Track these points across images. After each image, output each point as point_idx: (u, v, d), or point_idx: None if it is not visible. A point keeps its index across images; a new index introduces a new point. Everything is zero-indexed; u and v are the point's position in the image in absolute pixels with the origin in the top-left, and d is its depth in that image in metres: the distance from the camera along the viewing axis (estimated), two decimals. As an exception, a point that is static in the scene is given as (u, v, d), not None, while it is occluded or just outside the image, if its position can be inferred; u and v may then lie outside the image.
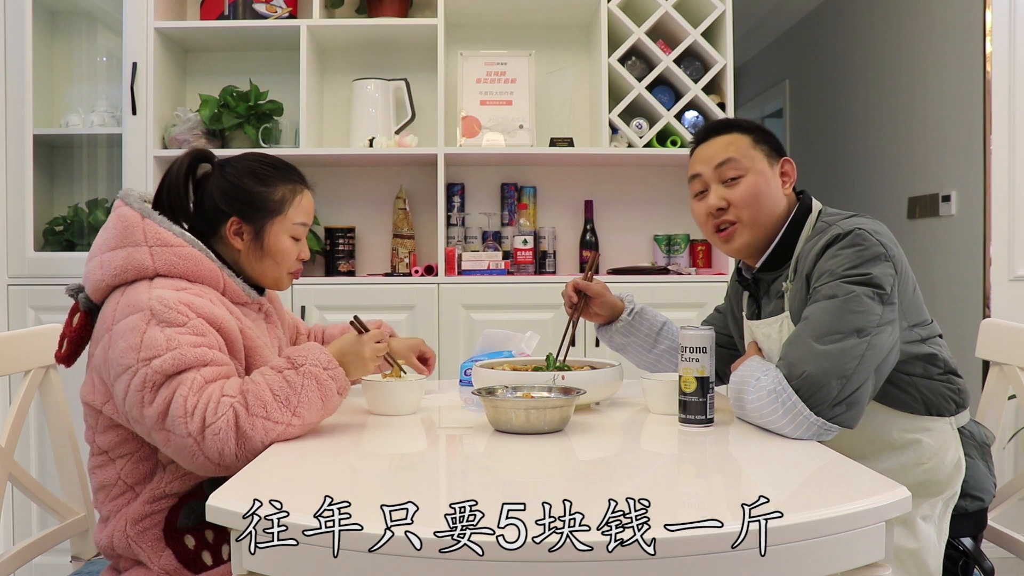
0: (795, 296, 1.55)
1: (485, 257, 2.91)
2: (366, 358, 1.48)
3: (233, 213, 1.57)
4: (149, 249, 1.47)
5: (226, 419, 1.32)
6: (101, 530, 1.50)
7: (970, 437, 1.61)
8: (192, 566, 1.46)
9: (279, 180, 1.60)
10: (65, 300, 1.54)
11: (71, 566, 1.70)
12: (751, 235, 1.62)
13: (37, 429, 2.75)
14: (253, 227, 1.57)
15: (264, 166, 1.60)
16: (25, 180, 2.80)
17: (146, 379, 1.34)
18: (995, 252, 2.98)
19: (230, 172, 1.59)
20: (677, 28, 2.91)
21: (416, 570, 0.91)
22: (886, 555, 1.03)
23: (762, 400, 1.40)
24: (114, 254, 1.47)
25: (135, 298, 1.42)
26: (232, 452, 1.32)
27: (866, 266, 1.45)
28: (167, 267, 1.47)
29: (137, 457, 1.47)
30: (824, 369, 1.38)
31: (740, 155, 1.61)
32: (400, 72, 3.10)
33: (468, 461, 1.42)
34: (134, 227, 1.48)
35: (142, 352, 1.35)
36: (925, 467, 1.54)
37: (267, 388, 1.36)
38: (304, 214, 1.62)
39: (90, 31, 3.08)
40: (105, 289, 1.48)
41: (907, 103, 3.66)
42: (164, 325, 1.38)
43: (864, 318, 1.41)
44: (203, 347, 1.38)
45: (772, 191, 1.61)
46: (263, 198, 1.57)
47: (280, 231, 1.59)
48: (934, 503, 1.55)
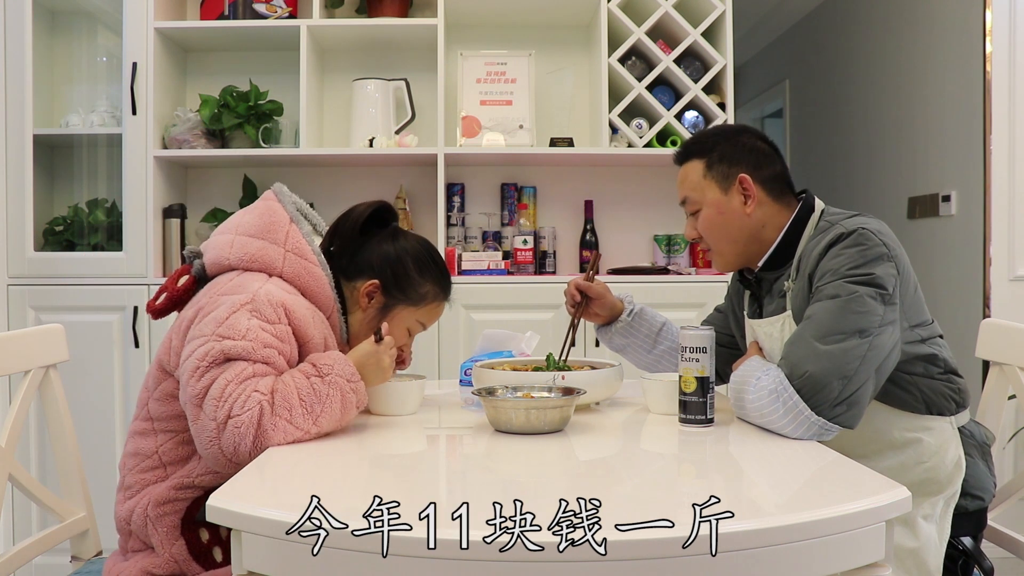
0: (797, 295, 1.55)
1: (485, 257, 2.91)
2: (385, 367, 1.51)
3: (378, 277, 1.60)
4: (284, 252, 1.51)
5: (250, 415, 1.32)
6: (122, 501, 1.50)
7: (970, 437, 1.62)
8: (201, 560, 1.46)
9: (434, 279, 1.65)
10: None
11: (71, 566, 1.70)
12: (723, 259, 1.69)
13: (37, 429, 2.75)
14: (386, 300, 1.61)
15: (431, 261, 1.65)
16: (25, 180, 2.80)
17: (209, 352, 1.36)
18: (995, 252, 2.98)
19: (402, 244, 1.64)
20: (677, 28, 2.91)
21: (417, 570, 0.91)
22: (886, 555, 1.03)
23: (762, 400, 1.41)
24: (250, 241, 1.52)
25: (248, 282, 1.45)
26: (247, 449, 1.31)
27: (869, 266, 1.45)
28: (292, 275, 1.51)
29: (180, 438, 1.47)
30: (826, 369, 1.38)
31: (692, 191, 1.68)
32: (400, 72, 3.10)
33: (468, 461, 1.42)
34: (280, 226, 1.53)
35: (221, 328, 1.38)
36: (926, 466, 1.54)
37: (295, 391, 1.37)
38: (431, 318, 1.68)
39: (90, 31, 3.08)
40: (226, 267, 1.52)
41: (907, 103, 3.66)
42: (254, 315, 1.40)
43: (866, 319, 1.41)
44: (274, 350, 1.40)
45: (729, 218, 1.64)
46: (412, 283, 1.62)
47: (404, 318, 1.63)
48: (935, 502, 1.55)
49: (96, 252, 2.87)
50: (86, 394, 2.75)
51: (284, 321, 1.43)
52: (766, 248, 1.63)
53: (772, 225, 1.63)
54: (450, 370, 2.75)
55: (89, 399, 2.76)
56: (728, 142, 1.66)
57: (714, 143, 1.66)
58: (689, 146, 1.70)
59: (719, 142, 1.66)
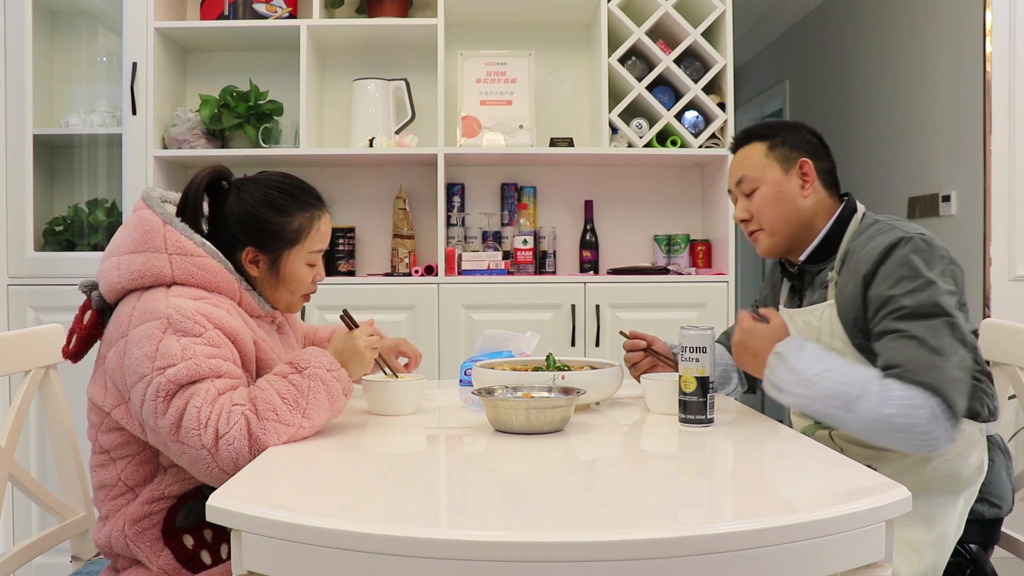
0: (844, 289, 1.57)
1: (485, 257, 2.90)
2: (362, 350, 1.49)
3: (249, 243, 1.55)
4: (168, 257, 1.46)
5: (239, 428, 1.32)
6: (100, 528, 1.50)
7: (997, 444, 1.62)
8: (190, 565, 1.46)
9: (296, 208, 1.57)
10: (65, 300, 1.55)
11: (71, 566, 1.70)
12: (772, 240, 1.70)
13: (37, 429, 2.75)
14: (269, 256, 1.57)
15: (281, 194, 1.57)
16: (25, 180, 2.80)
17: (159, 388, 1.34)
18: (995, 252, 2.98)
19: (247, 199, 1.56)
20: (677, 28, 2.91)
21: (417, 570, 0.91)
22: (886, 555, 1.03)
23: (880, 429, 1.39)
24: (132, 257, 1.47)
25: (152, 305, 1.41)
26: (246, 460, 1.31)
27: (946, 274, 1.49)
28: (185, 276, 1.47)
29: (138, 459, 1.47)
30: (965, 388, 1.42)
31: (751, 170, 1.70)
32: (400, 72, 3.10)
33: (468, 461, 1.42)
34: (155, 233, 1.48)
35: (157, 361, 1.35)
36: (948, 464, 1.55)
37: (275, 393, 1.37)
38: (321, 240, 1.60)
39: (90, 31, 3.08)
40: (120, 291, 1.48)
41: (907, 103, 3.66)
42: (180, 334, 1.37)
43: (961, 331, 1.45)
44: (217, 358, 1.38)
45: (787, 196, 1.67)
46: (279, 228, 1.56)
47: (296, 260, 1.58)
48: (955, 499, 1.55)
49: (96, 252, 2.87)
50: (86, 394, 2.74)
51: (209, 327, 1.40)
52: (812, 238, 1.68)
53: (822, 215, 1.68)
54: (450, 370, 2.75)
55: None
56: (789, 130, 1.73)
57: (776, 129, 1.73)
58: (750, 130, 1.75)
59: (781, 129, 1.73)
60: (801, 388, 1.42)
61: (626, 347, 1.82)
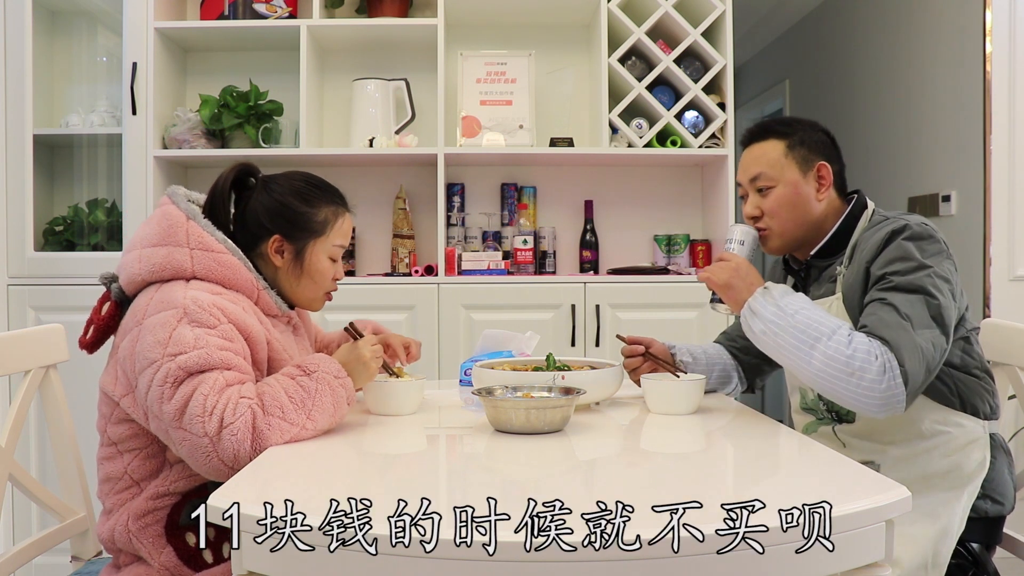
0: (851, 282, 1.59)
1: (485, 257, 2.90)
2: (367, 360, 1.50)
3: (276, 231, 1.59)
4: (190, 251, 1.49)
5: (244, 420, 1.32)
6: (103, 522, 1.51)
7: (998, 443, 1.63)
8: (192, 563, 1.46)
9: (323, 201, 1.62)
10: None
11: (71, 566, 1.70)
12: (782, 241, 1.70)
13: (37, 429, 2.75)
14: (294, 246, 1.60)
15: (309, 186, 1.63)
16: (25, 180, 2.80)
17: (168, 374, 1.35)
18: (995, 252, 2.98)
19: (275, 190, 1.61)
20: (677, 28, 2.91)
21: (418, 570, 0.91)
22: (886, 555, 1.03)
23: (835, 368, 1.42)
24: (154, 251, 1.50)
25: (170, 295, 1.43)
26: (247, 453, 1.32)
27: (939, 259, 1.53)
28: (205, 271, 1.49)
29: (145, 453, 1.48)
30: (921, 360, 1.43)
31: (769, 167, 1.68)
32: (400, 72, 3.10)
33: (468, 461, 1.42)
34: (178, 227, 1.51)
35: (169, 347, 1.36)
36: (951, 459, 1.56)
37: (283, 391, 1.38)
38: (343, 236, 1.65)
39: (90, 31, 3.08)
40: (140, 283, 1.50)
41: (907, 103, 3.66)
42: (195, 325, 1.39)
43: (948, 313, 1.48)
44: (229, 352, 1.39)
45: (803, 200, 1.67)
46: (307, 218, 1.60)
47: (320, 252, 1.61)
48: (958, 494, 1.56)
49: (96, 252, 2.87)
50: (86, 394, 2.73)
51: (224, 321, 1.42)
52: (820, 237, 1.69)
53: (832, 217, 1.69)
54: (450, 370, 2.75)
55: (89, 399, 2.74)
56: (806, 130, 1.71)
57: (794, 128, 1.71)
58: (768, 125, 1.74)
59: (798, 128, 1.71)
60: (776, 316, 1.48)
61: (624, 353, 1.81)
